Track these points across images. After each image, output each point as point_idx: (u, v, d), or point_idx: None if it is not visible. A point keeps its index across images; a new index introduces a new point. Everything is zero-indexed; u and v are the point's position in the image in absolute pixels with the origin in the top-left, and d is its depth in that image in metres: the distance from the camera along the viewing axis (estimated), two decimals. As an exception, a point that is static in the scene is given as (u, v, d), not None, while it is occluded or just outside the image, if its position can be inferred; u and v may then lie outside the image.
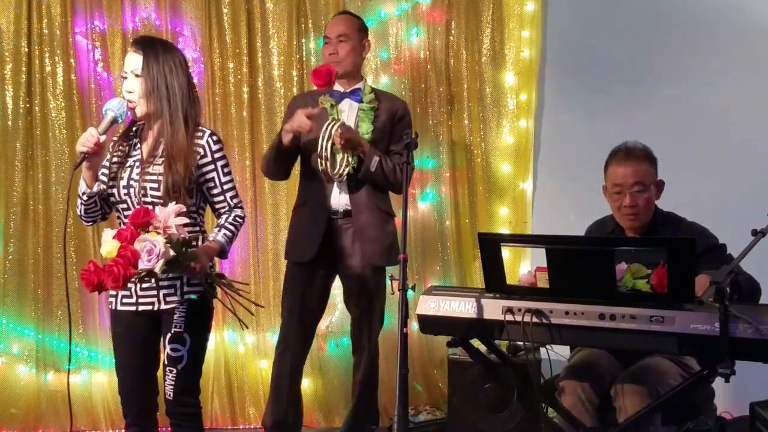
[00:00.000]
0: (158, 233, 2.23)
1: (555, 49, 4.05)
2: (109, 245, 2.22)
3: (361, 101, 3.19)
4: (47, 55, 3.86)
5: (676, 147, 3.71)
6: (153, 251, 2.19)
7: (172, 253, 2.22)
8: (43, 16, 3.84)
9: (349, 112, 3.19)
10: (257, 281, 3.94)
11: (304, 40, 3.99)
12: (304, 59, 3.96)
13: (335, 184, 3.14)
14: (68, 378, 2.59)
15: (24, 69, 3.85)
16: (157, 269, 2.20)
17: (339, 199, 3.16)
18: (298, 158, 3.24)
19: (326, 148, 3.02)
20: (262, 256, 3.99)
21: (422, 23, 4.03)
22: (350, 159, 3.08)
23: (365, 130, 3.15)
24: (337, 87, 3.21)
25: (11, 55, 3.85)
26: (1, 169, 3.86)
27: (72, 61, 3.87)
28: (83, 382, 3.89)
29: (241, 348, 3.97)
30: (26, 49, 3.84)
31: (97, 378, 3.89)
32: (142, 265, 2.19)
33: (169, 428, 2.58)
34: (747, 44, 3.73)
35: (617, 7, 3.97)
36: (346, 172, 3.08)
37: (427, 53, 4.03)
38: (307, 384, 3.94)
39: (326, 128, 3.02)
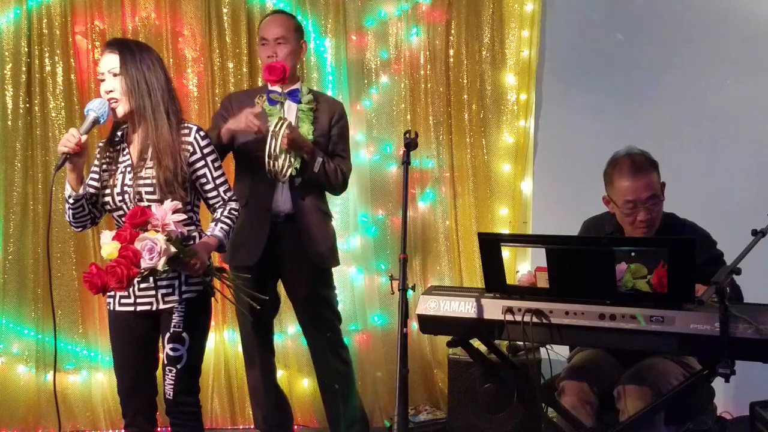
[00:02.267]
0: (157, 231, 2.24)
1: (555, 49, 4.05)
2: (109, 247, 2.23)
3: (299, 102, 3.16)
4: (47, 55, 3.85)
5: (676, 147, 3.71)
6: (154, 249, 2.19)
7: (173, 249, 2.23)
8: (43, 16, 3.84)
9: (287, 113, 3.13)
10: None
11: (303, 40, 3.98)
12: (304, 59, 3.95)
13: (278, 185, 3.10)
14: (54, 377, 2.66)
15: (24, 69, 3.84)
16: (159, 267, 2.20)
17: (283, 200, 3.12)
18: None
19: (275, 148, 2.92)
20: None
21: (422, 23, 4.03)
22: (293, 160, 3.02)
23: (306, 130, 3.11)
24: (275, 88, 3.13)
25: (11, 55, 3.85)
26: (1, 169, 3.86)
27: (72, 61, 3.86)
28: (83, 382, 3.89)
29: (241, 348, 3.96)
30: (26, 49, 3.84)
31: (97, 378, 3.89)
32: (144, 263, 2.20)
33: (169, 428, 2.58)
34: (747, 44, 3.74)
35: (617, 7, 3.97)
36: (289, 172, 3.02)
37: (427, 53, 4.03)
38: (306, 384, 3.95)
39: (275, 128, 2.93)
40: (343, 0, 3.98)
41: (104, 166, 2.55)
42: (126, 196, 2.46)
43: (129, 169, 2.49)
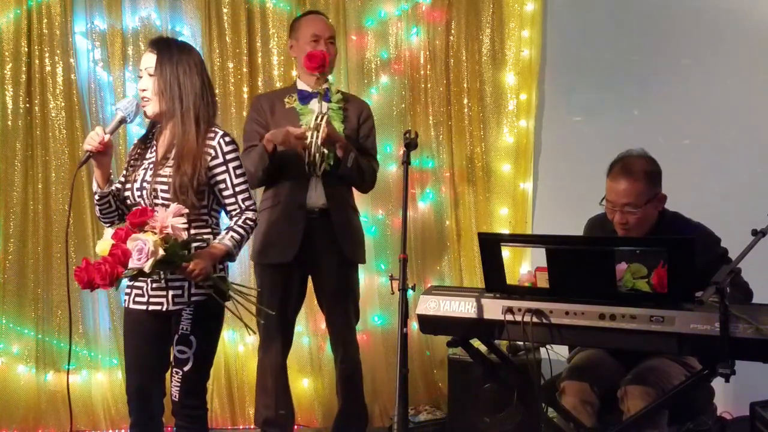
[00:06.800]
0: (154, 233, 2.23)
1: (555, 49, 4.05)
2: (104, 243, 2.24)
3: (329, 101, 3.18)
4: (47, 55, 3.85)
5: (677, 146, 3.72)
6: (143, 250, 2.19)
7: (161, 252, 2.21)
8: (43, 16, 3.83)
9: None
10: (253, 281, 3.92)
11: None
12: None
13: (311, 181, 3.12)
14: (68, 378, 2.60)
15: (24, 69, 3.84)
16: (146, 268, 2.19)
17: (315, 196, 3.15)
18: None
19: (317, 140, 2.96)
20: (259, 256, 3.98)
21: (422, 23, 4.03)
22: (327, 154, 3.05)
23: (336, 129, 3.13)
24: (305, 87, 3.20)
25: (11, 55, 3.84)
26: (1, 169, 3.86)
27: (72, 61, 3.86)
28: (83, 382, 3.88)
29: (241, 348, 3.97)
30: (26, 49, 3.84)
31: (97, 378, 3.89)
32: (132, 264, 2.19)
33: (173, 428, 2.58)
34: (749, 43, 3.73)
35: (617, 7, 3.97)
36: (323, 167, 3.04)
37: (427, 53, 4.03)
38: (306, 384, 3.95)
39: (317, 121, 2.97)
40: (343, 0, 3.98)
41: (132, 162, 2.56)
42: (144, 192, 2.47)
43: (151, 165, 2.50)
